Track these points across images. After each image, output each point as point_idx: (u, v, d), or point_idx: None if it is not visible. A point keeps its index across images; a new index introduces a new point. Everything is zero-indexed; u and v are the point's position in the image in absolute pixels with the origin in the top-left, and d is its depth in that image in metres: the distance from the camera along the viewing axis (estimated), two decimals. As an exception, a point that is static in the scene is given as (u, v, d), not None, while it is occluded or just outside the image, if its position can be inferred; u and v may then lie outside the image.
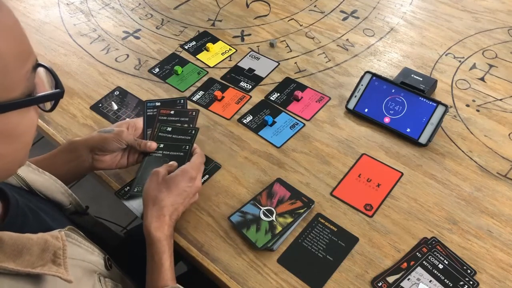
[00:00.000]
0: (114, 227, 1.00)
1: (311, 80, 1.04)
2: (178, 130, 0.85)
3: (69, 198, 0.73)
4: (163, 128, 0.85)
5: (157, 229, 0.71)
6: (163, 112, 0.87)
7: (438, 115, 0.88)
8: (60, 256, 0.51)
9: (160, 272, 0.69)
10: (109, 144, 0.80)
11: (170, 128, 0.85)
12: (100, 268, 0.63)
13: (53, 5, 1.35)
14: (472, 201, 0.80)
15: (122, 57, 1.16)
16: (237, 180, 0.86)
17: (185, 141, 0.84)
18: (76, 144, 0.80)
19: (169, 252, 0.71)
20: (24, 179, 0.66)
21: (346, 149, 0.89)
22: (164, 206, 0.73)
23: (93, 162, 0.81)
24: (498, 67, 1.03)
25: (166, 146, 0.84)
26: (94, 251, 0.63)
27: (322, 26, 1.19)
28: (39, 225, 0.58)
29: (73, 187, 1.79)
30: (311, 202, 0.80)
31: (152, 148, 0.83)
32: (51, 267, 0.49)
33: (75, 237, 0.60)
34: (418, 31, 1.14)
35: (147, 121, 0.88)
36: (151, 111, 0.88)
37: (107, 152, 0.81)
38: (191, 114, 0.88)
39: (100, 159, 0.81)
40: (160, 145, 0.84)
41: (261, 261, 0.75)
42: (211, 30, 1.21)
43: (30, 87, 0.46)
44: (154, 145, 0.83)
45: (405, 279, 0.70)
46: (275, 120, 0.96)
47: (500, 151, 0.87)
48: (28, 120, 0.47)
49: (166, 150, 0.84)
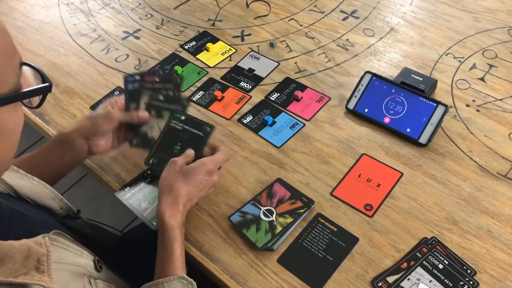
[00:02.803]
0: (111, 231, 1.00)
1: (311, 80, 1.04)
2: (170, 99, 0.85)
3: (59, 203, 0.73)
4: (155, 96, 0.85)
5: (170, 217, 0.71)
6: (148, 80, 0.86)
7: (438, 115, 0.88)
8: (43, 262, 0.50)
9: (170, 259, 0.69)
10: (102, 127, 0.80)
11: (162, 97, 0.85)
12: (90, 270, 0.62)
13: (53, 5, 1.35)
14: (472, 201, 0.80)
15: (122, 57, 1.16)
16: (237, 180, 0.86)
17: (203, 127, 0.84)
18: (68, 135, 0.80)
19: (180, 240, 0.71)
20: (11, 186, 0.65)
21: (346, 149, 0.89)
22: (179, 195, 0.73)
23: (90, 149, 0.82)
24: (498, 67, 1.03)
25: (159, 115, 0.85)
26: (82, 254, 0.63)
27: (322, 26, 1.19)
28: (24, 230, 0.57)
29: (72, 188, 1.80)
30: (311, 202, 0.80)
31: (144, 119, 0.84)
32: (34, 275, 0.49)
33: (62, 241, 0.60)
34: (418, 31, 1.14)
35: (129, 96, 0.86)
36: (131, 86, 0.87)
37: (100, 135, 0.81)
38: (176, 80, 0.87)
39: (95, 144, 0.81)
40: (154, 115, 0.85)
41: (261, 261, 0.75)
42: (211, 30, 1.21)
43: (18, 84, 0.47)
44: (146, 115, 0.84)
45: (405, 279, 0.70)
46: (275, 120, 0.96)
47: (500, 151, 0.87)
48: (16, 118, 0.48)
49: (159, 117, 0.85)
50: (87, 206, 1.65)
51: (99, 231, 0.90)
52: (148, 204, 0.82)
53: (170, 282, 0.66)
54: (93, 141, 0.81)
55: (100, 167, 0.91)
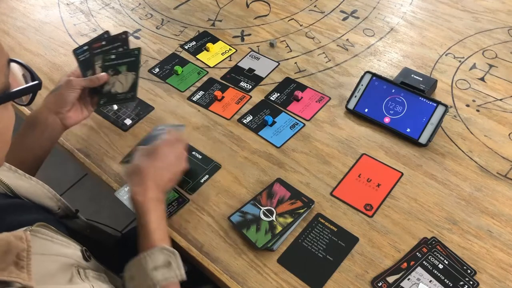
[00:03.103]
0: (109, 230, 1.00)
1: (311, 80, 1.04)
2: (122, 55, 0.88)
3: (57, 203, 0.73)
4: (107, 57, 0.87)
5: (138, 194, 0.71)
6: (96, 46, 0.88)
7: (438, 115, 0.88)
8: (23, 258, 0.49)
9: (147, 233, 0.69)
10: (67, 96, 0.83)
11: (113, 55, 0.87)
12: (78, 260, 0.61)
13: (53, 5, 1.35)
14: (472, 201, 0.80)
15: (122, 57, 1.16)
16: (237, 180, 0.86)
17: (133, 63, 0.89)
18: (38, 115, 0.82)
19: (154, 214, 0.71)
20: (8, 185, 0.65)
21: (346, 149, 0.89)
22: (144, 172, 0.74)
23: (62, 122, 0.84)
24: (498, 67, 1.03)
25: (117, 71, 0.89)
26: (69, 245, 0.62)
27: (322, 26, 1.19)
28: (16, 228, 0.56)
29: (72, 188, 1.80)
30: (311, 202, 0.80)
31: (104, 79, 0.86)
32: (12, 271, 0.47)
33: (46, 232, 0.58)
34: (418, 31, 1.14)
35: (83, 66, 0.88)
36: (82, 56, 0.88)
37: (68, 106, 0.83)
38: (121, 37, 0.90)
39: (65, 116, 0.84)
40: (111, 74, 0.88)
41: (261, 261, 0.75)
42: (211, 30, 1.21)
43: (7, 83, 0.47)
44: (105, 75, 0.87)
45: (405, 279, 0.70)
46: (275, 120, 0.96)
47: (500, 151, 0.87)
48: (7, 117, 0.48)
49: (117, 74, 0.89)
50: (87, 206, 1.65)
51: (98, 231, 0.90)
52: (148, 204, 0.83)
53: (152, 255, 0.66)
54: (63, 114, 0.83)
55: (100, 167, 0.91)
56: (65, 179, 1.81)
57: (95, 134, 0.98)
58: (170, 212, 0.82)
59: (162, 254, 0.66)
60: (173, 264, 0.66)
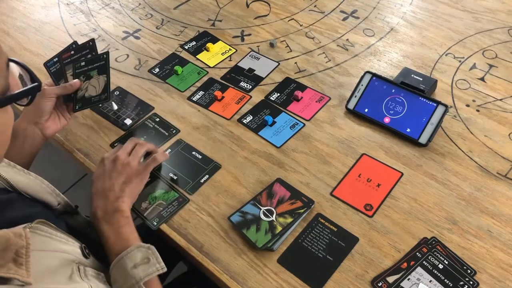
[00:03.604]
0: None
1: (311, 80, 1.04)
2: (91, 60, 0.90)
3: (57, 198, 0.73)
4: (77, 65, 0.88)
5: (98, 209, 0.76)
6: (65, 56, 0.89)
7: (438, 115, 0.88)
8: (22, 255, 0.49)
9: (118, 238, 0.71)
10: (43, 106, 0.84)
11: (83, 62, 0.89)
12: (78, 256, 0.62)
13: (53, 5, 1.35)
14: (472, 201, 0.80)
15: (122, 57, 1.16)
16: (237, 180, 0.86)
17: (103, 66, 0.91)
18: (17, 127, 0.83)
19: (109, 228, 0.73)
20: (8, 180, 0.65)
21: (346, 149, 0.89)
22: (94, 193, 0.79)
23: (42, 132, 0.85)
24: (498, 67, 1.03)
25: (88, 76, 0.90)
26: (68, 241, 0.62)
27: (322, 26, 1.19)
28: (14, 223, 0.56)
29: (73, 187, 1.80)
30: (311, 202, 0.80)
31: (77, 85, 0.87)
32: (11, 268, 0.48)
33: (45, 229, 0.59)
34: (418, 31, 1.14)
35: (55, 77, 0.90)
36: (53, 68, 0.90)
37: (46, 115, 0.84)
38: (89, 44, 0.92)
39: (45, 126, 0.85)
40: (83, 79, 0.90)
41: (261, 261, 0.75)
42: (211, 30, 1.21)
43: (6, 85, 0.47)
44: (77, 81, 0.88)
45: (405, 279, 0.70)
46: (275, 120, 0.96)
47: (500, 151, 0.87)
48: (6, 118, 0.48)
49: (88, 79, 0.91)
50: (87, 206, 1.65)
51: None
52: (148, 204, 0.83)
53: (130, 254, 0.67)
54: (41, 124, 0.84)
55: (100, 167, 0.91)
56: (65, 179, 1.81)
57: (95, 134, 0.98)
58: (170, 212, 0.82)
59: (140, 252, 0.67)
60: (151, 259, 0.67)
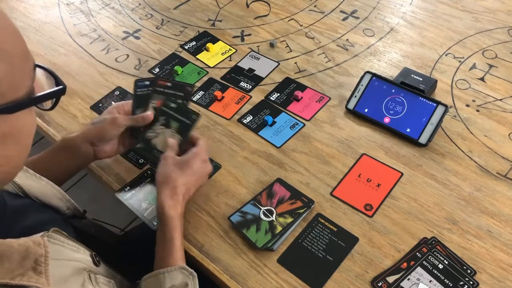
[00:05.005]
0: (112, 229, 1.00)
1: (311, 80, 1.04)
2: (182, 111, 0.85)
3: (66, 204, 0.73)
4: (168, 102, 0.85)
5: (170, 208, 0.72)
6: (160, 84, 0.86)
7: (438, 115, 0.88)
8: (41, 263, 0.49)
9: (171, 250, 0.69)
10: (108, 133, 0.81)
11: (175, 105, 0.85)
12: (89, 265, 0.62)
13: (53, 5, 1.35)
14: (472, 201, 0.80)
15: (122, 57, 1.16)
16: (237, 180, 0.86)
17: (186, 126, 0.85)
18: (74, 141, 0.80)
19: (180, 231, 0.72)
20: (20, 185, 0.65)
21: (346, 149, 0.89)
22: (177, 186, 0.74)
23: (95, 154, 0.82)
24: (498, 67, 1.03)
25: (168, 124, 0.85)
26: (79, 249, 0.62)
27: (322, 26, 1.19)
28: (27, 229, 0.56)
29: (73, 187, 1.80)
30: (311, 202, 0.80)
31: (149, 119, 0.83)
32: (31, 276, 0.48)
33: (58, 238, 0.59)
34: (418, 31, 1.14)
35: (137, 101, 0.86)
36: (140, 91, 0.87)
37: (106, 141, 0.82)
38: (187, 89, 0.88)
39: (100, 149, 0.82)
40: (162, 121, 0.85)
41: (261, 261, 0.75)
42: (211, 30, 1.21)
43: (32, 88, 0.47)
44: (150, 114, 0.84)
45: (405, 279, 0.70)
46: (275, 120, 0.96)
47: (500, 151, 0.87)
48: (31, 121, 0.48)
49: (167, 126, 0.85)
50: (88, 205, 1.65)
51: (102, 230, 0.90)
52: (148, 204, 0.83)
53: (171, 273, 0.66)
54: (98, 147, 0.82)
55: (100, 167, 0.91)
56: (65, 179, 1.81)
57: (95, 134, 0.97)
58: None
59: (181, 274, 0.67)
60: (189, 286, 0.66)
